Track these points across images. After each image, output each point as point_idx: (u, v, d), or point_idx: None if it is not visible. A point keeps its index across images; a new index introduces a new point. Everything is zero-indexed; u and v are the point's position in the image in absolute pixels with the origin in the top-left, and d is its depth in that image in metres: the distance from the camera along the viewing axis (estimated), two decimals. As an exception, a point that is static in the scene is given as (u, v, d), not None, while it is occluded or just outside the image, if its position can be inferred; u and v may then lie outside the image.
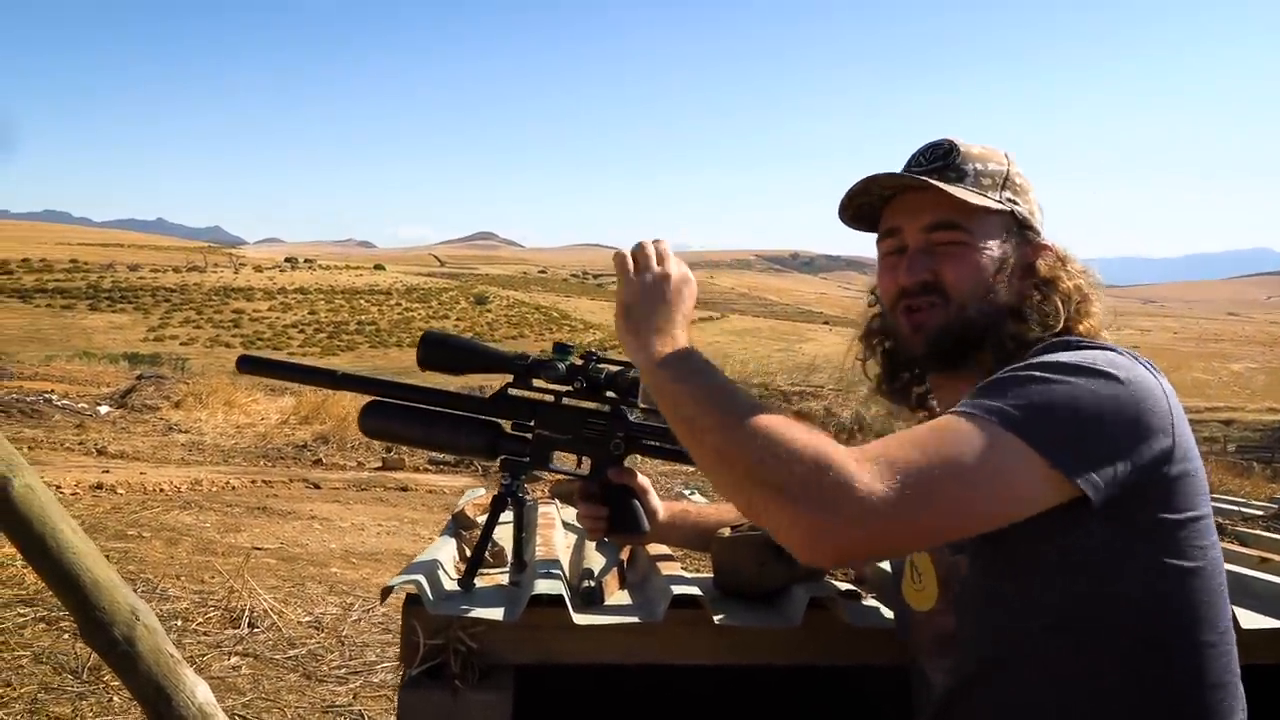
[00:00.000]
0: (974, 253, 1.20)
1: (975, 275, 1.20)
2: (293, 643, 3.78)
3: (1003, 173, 1.23)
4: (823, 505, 0.92)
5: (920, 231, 1.22)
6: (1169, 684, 1.07)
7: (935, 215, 1.21)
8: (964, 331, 1.20)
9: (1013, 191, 1.23)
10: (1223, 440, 26.50)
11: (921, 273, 1.21)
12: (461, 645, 1.23)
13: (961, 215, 1.20)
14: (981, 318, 1.20)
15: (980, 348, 1.21)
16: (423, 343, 1.41)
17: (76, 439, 10.09)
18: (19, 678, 3.12)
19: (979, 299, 1.20)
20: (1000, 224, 1.22)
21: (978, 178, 1.22)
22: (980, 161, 1.23)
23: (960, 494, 0.96)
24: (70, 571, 2.21)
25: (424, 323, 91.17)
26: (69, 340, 66.52)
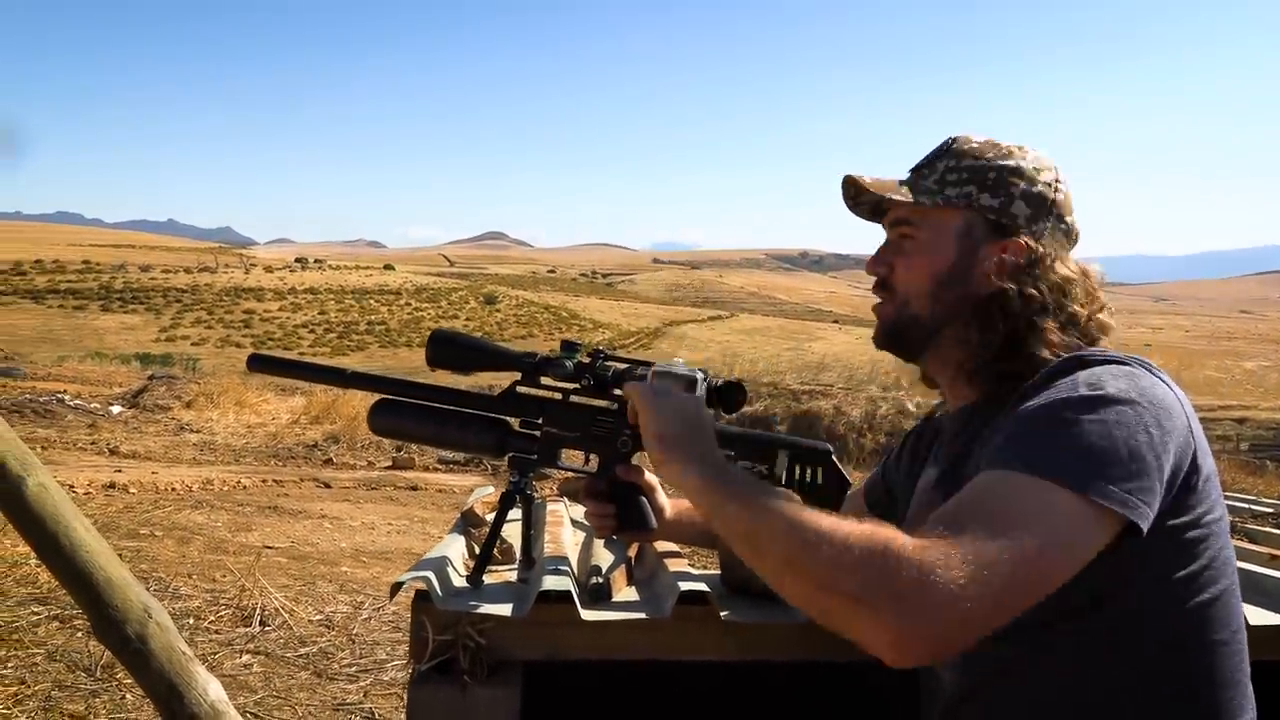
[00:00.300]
0: (919, 251, 1.24)
1: (917, 273, 1.23)
2: (304, 641, 3.80)
3: (978, 167, 1.23)
4: (902, 608, 0.90)
5: (889, 226, 1.29)
6: (1180, 683, 1.07)
7: (895, 213, 1.27)
8: (907, 327, 1.25)
9: (981, 186, 1.22)
10: (1235, 439, 26.34)
11: (878, 266, 1.28)
12: (470, 641, 1.24)
13: (912, 213, 1.24)
14: (928, 315, 1.23)
15: (930, 345, 1.25)
16: (431, 341, 1.42)
17: (89, 439, 10.15)
18: (33, 675, 3.14)
19: (922, 296, 1.23)
20: (954, 221, 1.22)
21: (944, 174, 1.23)
22: (960, 157, 1.24)
23: (1034, 568, 0.94)
24: (83, 570, 2.23)
25: (434, 322, 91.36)
26: (81, 341, 66.88)
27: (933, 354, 1.27)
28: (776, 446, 1.40)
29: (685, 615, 1.30)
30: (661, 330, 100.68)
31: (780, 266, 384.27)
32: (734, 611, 1.31)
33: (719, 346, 71.91)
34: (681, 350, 74.78)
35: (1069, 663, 1.09)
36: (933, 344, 1.25)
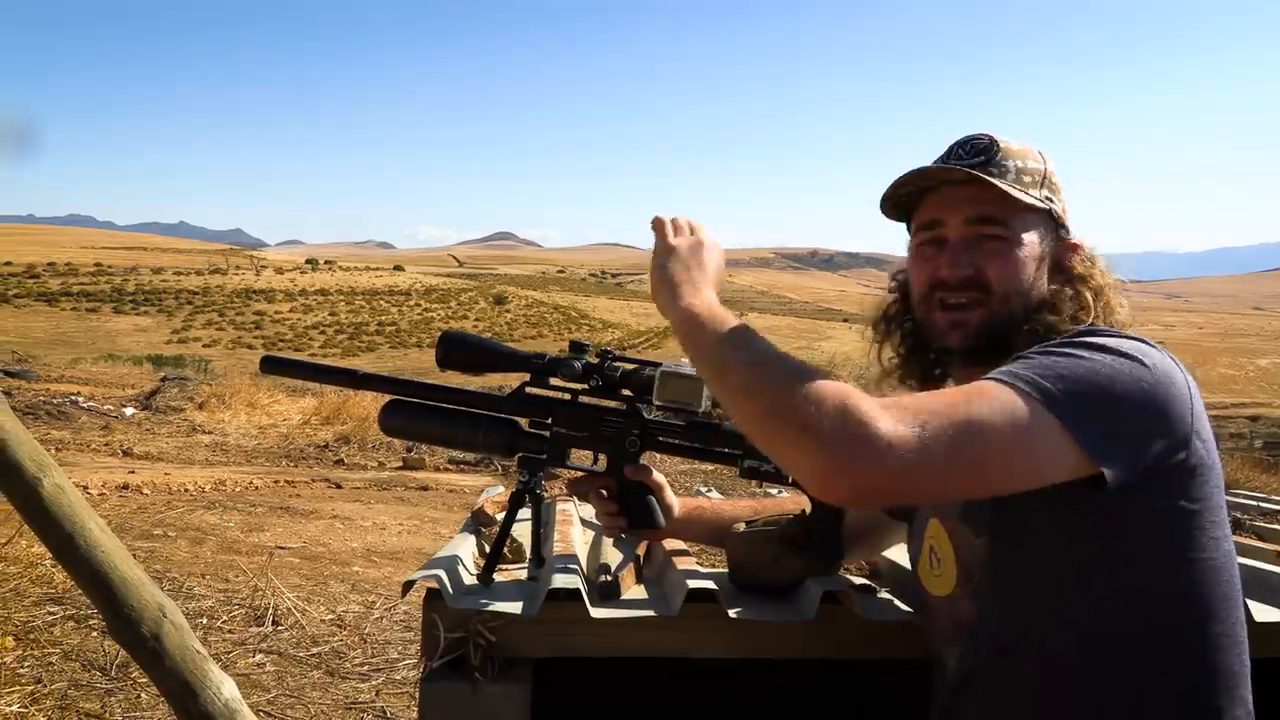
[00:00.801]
0: (1016, 249, 1.22)
1: (1017, 272, 1.21)
2: (316, 640, 3.82)
3: (1041, 170, 1.25)
4: (842, 443, 0.92)
5: (963, 224, 1.23)
6: (1179, 672, 1.08)
7: (979, 209, 1.22)
8: (1003, 327, 1.22)
9: (1050, 190, 1.25)
10: (1249, 436, 26.21)
11: (965, 267, 1.22)
12: (481, 639, 1.25)
13: (1005, 211, 1.21)
14: (1021, 313, 1.22)
15: (1013, 343, 1.21)
16: (442, 342, 1.44)
17: (102, 440, 10.21)
18: (49, 674, 3.17)
19: (1019, 295, 1.22)
20: (1039, 221, 1.24)
21: (1019, 174, 1.23)
22: (1020, 159, 1.24)
23: (981, 452, 0.96)
24: (99, 570, 2.26)
25: (443, 323, 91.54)
26: (94, 343, 67.26)
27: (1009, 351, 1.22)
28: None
29: (693, 613, 1.30)
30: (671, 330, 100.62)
31: (790, 265, 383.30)
32: (742, 609, 1.32)
33: (729, 346, 71.66)
34: (691, 350, 74.52)
35: (1070, 651, 1.10)
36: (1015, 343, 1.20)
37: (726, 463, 1.43)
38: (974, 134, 1.28)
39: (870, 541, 1.58)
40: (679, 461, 8.77)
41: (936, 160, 1.28)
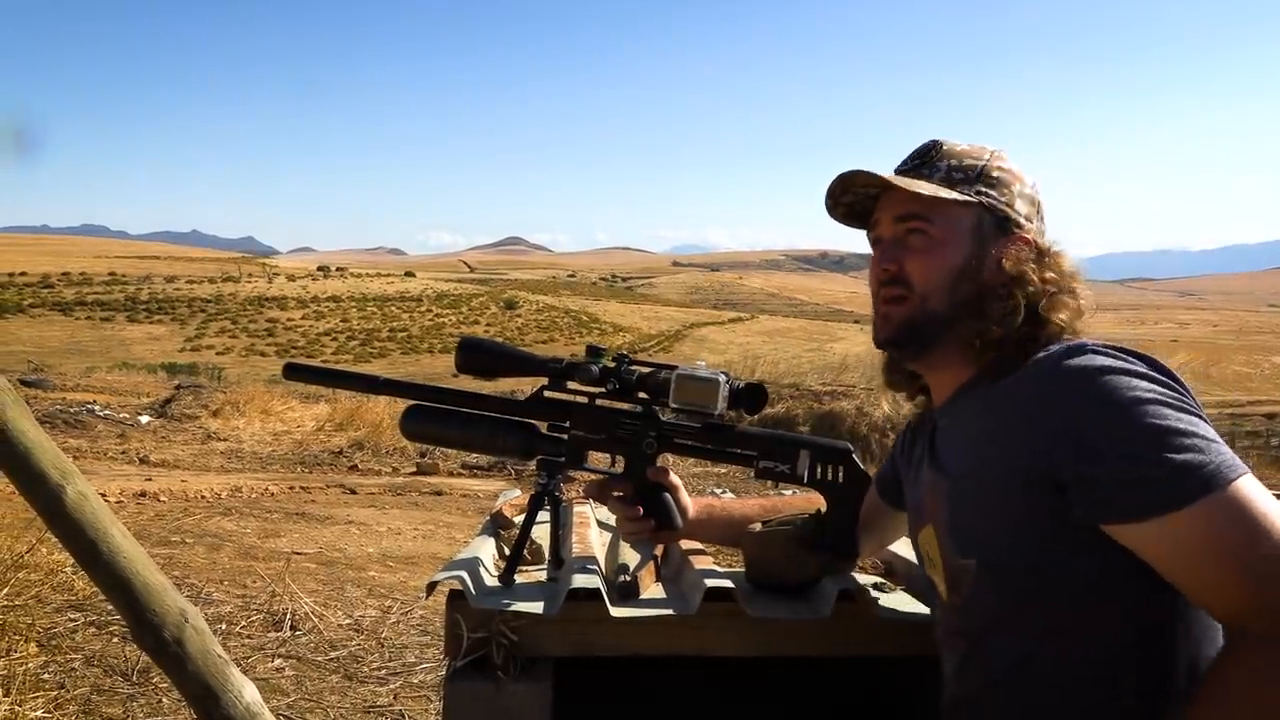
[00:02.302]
0: (937, 246, 1.23)
1: (937, 268, 1.22)
2: (334, 645, 3.85)
3: (978, 167, 1.25)
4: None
5: (894, 223, 1.26)
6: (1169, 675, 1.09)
7: (903, 208, 1.24)
8: (925, 323, 1.23)
9: (987, 184, 1.24)
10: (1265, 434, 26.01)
11: (889, 263, 1.25)
12: (504, 638, 1.27)
13: (925, 208, 1.23)
14: (945, 310, 1.22)
15: (941, 341, 1.24)
16: (461, 348, 1.46)
17: (119, 448, 10.28)
18: (72, 680, 3.21)
19: (941, 291, 1.22)
20: (968, 217, 1.23)
21: (949, 172, 1.24)
22: (957, 158, 1.26)
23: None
24: (122, 576, 2.28)
25: (455, 328, 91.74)
26: (108, 351, 67.68)
27: (941, 350, 1.25)
28: (798, 446, 1.43)
29: (711, 611, 1.32)
30: (681, 333, 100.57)
31: (800, 267, 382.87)
32: (759, 608, 1.34)
33: (739, 348, 71.83)
34: (702, 352, 74.70)
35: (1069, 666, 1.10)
36: (944, 340, 1.24)
37: (742, 464, 1.45)
38: (928, 140, 1.30)
39: (876, 535, 1.58)
40: (692, 463, 8.79)
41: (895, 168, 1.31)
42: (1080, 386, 1.07)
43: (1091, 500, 1.05)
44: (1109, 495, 1.03)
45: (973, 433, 1.20)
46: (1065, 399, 1.08)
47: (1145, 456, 1.01)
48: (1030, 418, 1.10)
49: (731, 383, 1.38)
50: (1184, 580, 1.02)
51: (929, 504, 1.28)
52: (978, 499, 1.16)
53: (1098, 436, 1.04)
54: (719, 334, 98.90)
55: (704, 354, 64.79)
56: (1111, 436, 1.03)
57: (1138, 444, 1.02)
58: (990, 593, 1.16)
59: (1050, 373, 1.11)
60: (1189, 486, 0.99)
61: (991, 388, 1.19)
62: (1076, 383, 1.08)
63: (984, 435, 1.17)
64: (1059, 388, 1.09)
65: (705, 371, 1.37)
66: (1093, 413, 1.05)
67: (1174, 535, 1.00)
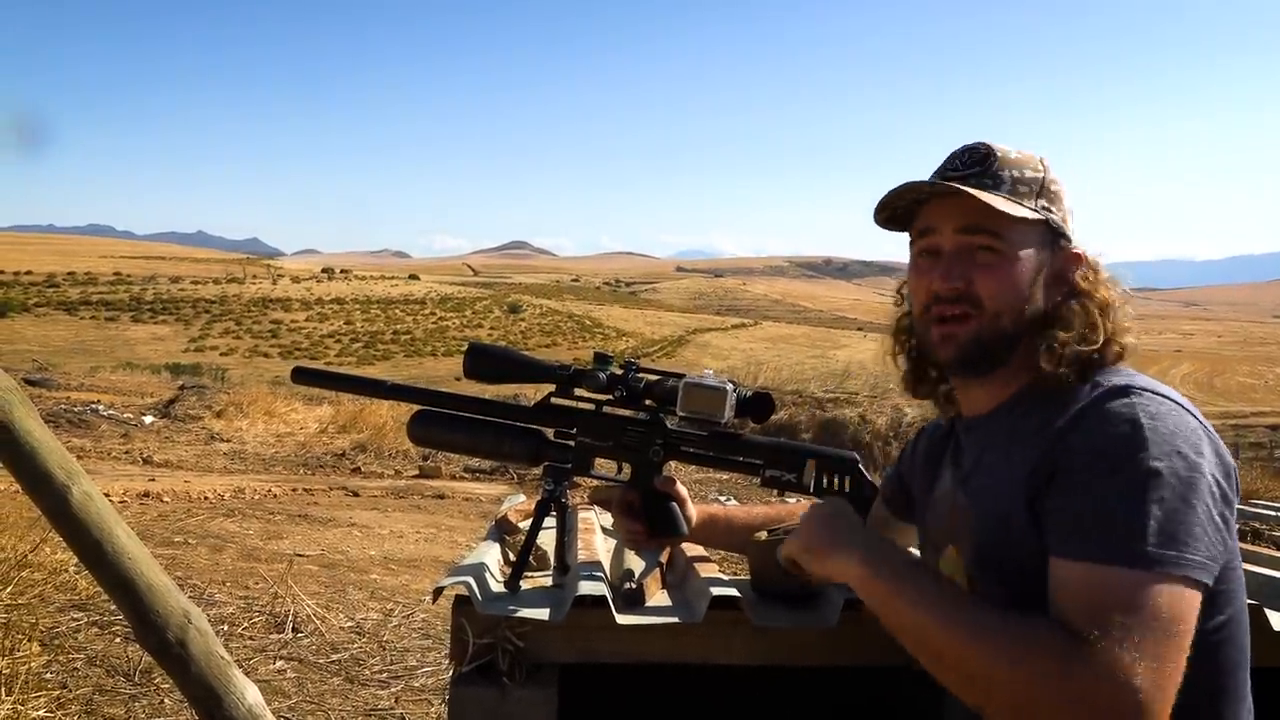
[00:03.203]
0: (1009, 263, 1.18)
1: (1010, 287, 1.18)
2: (335, 647, 3.85)
3: (1039, 179, 1.22)
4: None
5: (956, 235, 1.20)
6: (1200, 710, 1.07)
7: (971, 220, 1.19)
8: (995, 342, 1.19)
9: (1048, 199, 1.21)
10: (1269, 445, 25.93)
11: (956, 280, 1.19)
12: (509, 644, 1.27)
13: (997, 223, 1.18)
14: (1014, 329, 1.19)
15: (1007, 359, 1.21)
16: (469, 353, 1.47)
17: (123, 448, 10.31)
18: (74, 680, 3.21)
19: (1013, 310, 1.18)
20: (1035, 233, 1.20)
21: (1014, 184, 1.20)
22: (1017, 168, 1.21)
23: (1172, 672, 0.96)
24: (126, 576, 2.29)
25: (458, 332, 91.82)
26: (113, 351, 67.81)
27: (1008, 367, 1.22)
28: (805, 455, 1.43)
29: (717, 619, 1.32)
30: (685, 338, 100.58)
31: (804, 273, 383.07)
32: (764, 616, 1.34)
33: (743, 355, 71.78)
34: (705, 358, 74.71)
35: None
36: (1011, 359, 1.21)
37: (748, 472, 1.45)
38: (972, 143, 1.25)
39: None
40: (694, 470, 8.78)
41: (935, 170, 1.26)
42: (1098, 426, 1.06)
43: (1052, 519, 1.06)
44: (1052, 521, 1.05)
45: (1007, 459, 1.17)
46: (1079, 433, 1.07)
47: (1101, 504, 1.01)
48: (1047, 445, 1.09)
49: (739, 391, 1.38)
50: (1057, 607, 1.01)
51: (952, 525, 1.26)
52: (1003, 529, 1.14)
53: (1079, 470, 1.04)
54: (722, 340, 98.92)
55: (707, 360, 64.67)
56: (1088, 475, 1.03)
57: (1105, 493, 1.01)
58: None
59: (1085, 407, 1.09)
60: (1115, 550, 0.98)
61: (1029, 413, 1.17)
62: (1097, 422, 1.06)
63: (1012, 459, 1.16)
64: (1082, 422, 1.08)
65: (713, 380, 1.37)
66: (1089, 451, 1.04)
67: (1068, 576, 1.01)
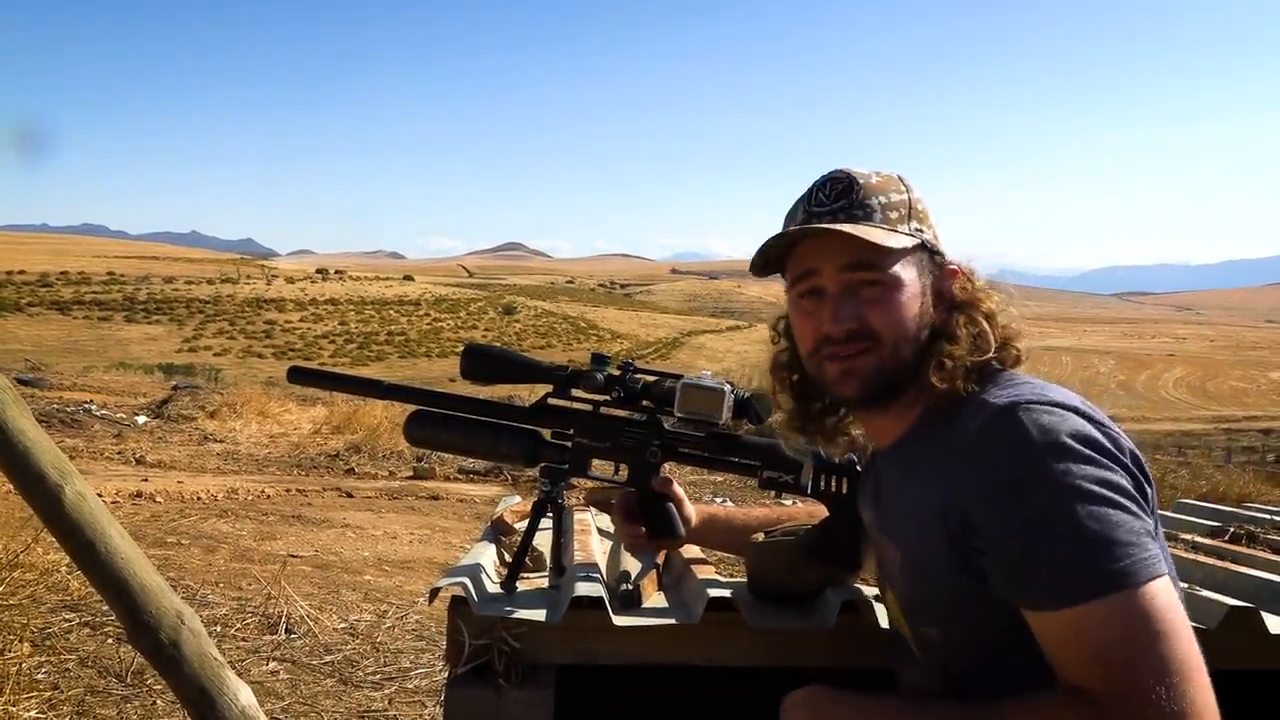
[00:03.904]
0: (896, 292, 1.17)
1: (901, 316, 1.17)
2: (329, 649, 3.84)
3: (905, 202, 1.21)
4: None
5: (838, 273, 1.18)
6: None
7: (852, 256, 1.17)
8: (898, 373, 1.19)
9: (918, 220, 1.21)
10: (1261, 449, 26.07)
11: (848, 321, 1.17)
12: (506, 645, 1.27)
13: (878, 255, 1.16)
14: (912, 356, 1.18)
15: (911, 383, 1.20)
16: (466, 354, 1.46)
17: (115, 448, 10.27)
18: (66, 681, 3.20)
19: (908, 339, 1.18)
20: (914, 258, 1.19)
21: (884, 211, 1.19)
22: (882, 193, 1.20)
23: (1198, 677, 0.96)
24: (119, 576, 2.28)
25: (453, 333, 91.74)
26: (106, 351, 67.62)
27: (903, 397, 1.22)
28: (802, 457, 1.43)
29: (714, 621, 1.32)
30: (679, 340, 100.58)
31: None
32: (761, 617, 1.34)
33: (737, 357, 71.77)
34: (700, 360, 74.70)
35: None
36: (908, 386, 1.20)
37: (745, 473, 1.45)
38: (833, 172, 1.23)
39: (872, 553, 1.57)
40: (689, 471, 8.78)
41: (800, 198, 1.24)
42: (998, 450, 1.05)
43: (998, 575, 1.05)
44: (1012, 577, 1.03)
45: (915, 498, 1.17)
46: (981, 461, 1.06)
47: (1039, 543, 1.00)
48: (950, 473, 1.09)
49: (736, 392, 1.38)
50: (1056, 668, 1.00)
51: (885, 568, 1.27)
52: (926, 572, 1.14)
53: (998, 507, 1.03)
54: (717, 342, 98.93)
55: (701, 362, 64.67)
56: (1011, 513, 1.02)
57: (1036, 527, 0.99)
58: (959, 657, 1.15)
59: (978, 429, 1.08)
60: (1078, 586, 0.97)
61: (933, 436, 1.17)
62: (996, 444, 1.05)
63: (920, 494, 1.15)
64: (980, 446, 1.07)
65: (710, 381, 1.37)
66: (998, 482, 1.04)
67: (1054, 628, 1.00)
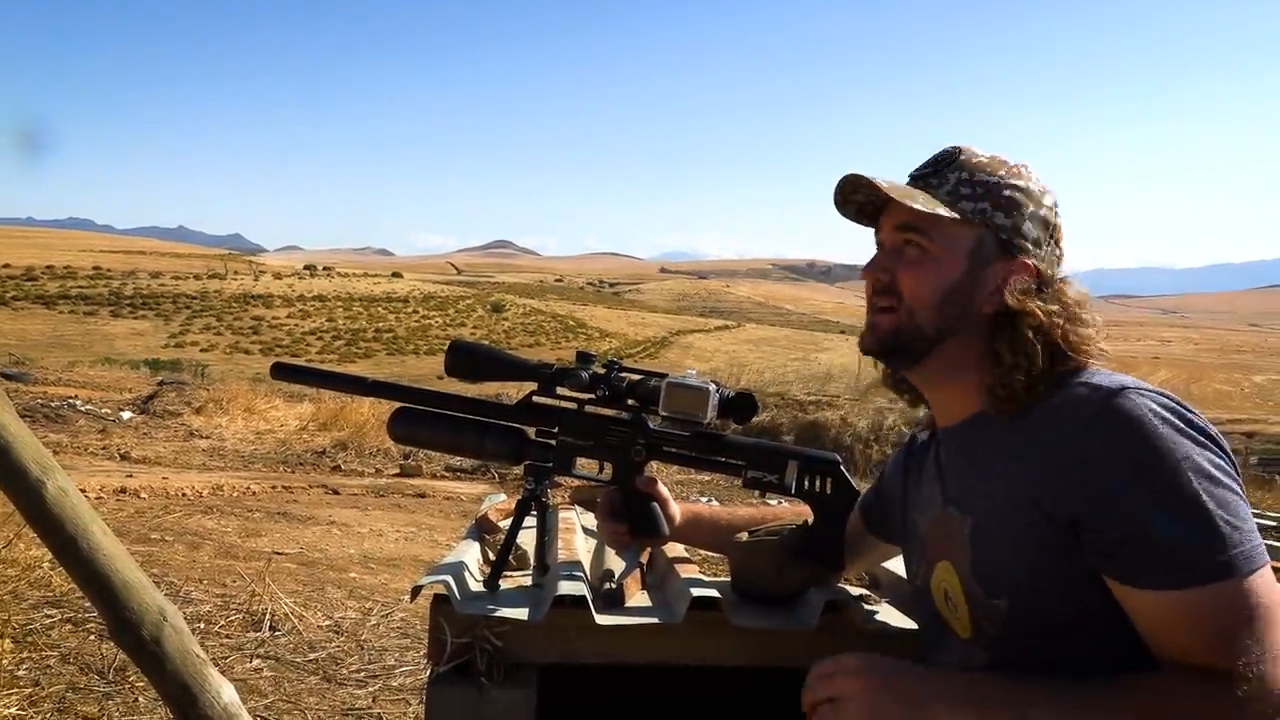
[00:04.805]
0: (932, 261, 1.19)
1: (928, 285, 1.19)
2: (313, 646, 3.82)
3: (989, 184, 1.19)
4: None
5: (892, 231, 1.23)
6: None
7: (903, 217, 1.21)
8: (910, 339, 1.20)
9: (996, 204, 1.19)
10: (1245, 452, 26.27)
11: (880, 272, 1.23)
12: (488, 644, 1.27)
13: (924, 222, 1.19)
14: (931, 328, 1.19)
15: (928, 359, 1.21)
16: (451, 351, 1.46)
17: (100, 444, 10.21)
18: (47, 678, 3.17)
19: (930, 308, 1.18)
20: (967, 237, 1.19)
21: (956, 187, 1.19)
22: (970, 170, 1.20)
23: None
24: (101, 572, 2.26)
25: (441, 330, 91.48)
26: (91, 346, 67.14)
27: (930, 366, 1.23)
28: (786, 457, 1.43)
29: (697, 620, 1.32)
30: (668, 340, 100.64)
31: (788, 276, 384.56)
32: (744, 617, 1.34)
33: (726, 356, 71.89)
34: (688, 360, 74.80)
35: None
36: (931, 357, 1.21)
37: (729, 473, 1.45)
38: (949, 146, 1.25)
39: (858, 559, 1.56)
40: (675, 470, 8.78)
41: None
42: (1118, 433, 1.04)
43: (1098, 549, 1.04)
44: (1116, 551, 1.03)
45: (994, 468, 1.16)
46: (1100, 444, 1.05)
47: (1165, 525, 1.00)
48: (1062, 459, 1.08)
49: (721, 392, 1.38)
50: (1160, 646, 1.01)
51: (942, 540, 1.25)
52: (1004, 540, 1.13)
53: (1124, 489, 1.02)
54: (706, 341, 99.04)
55: (690, 361, 64.79)
56: (1137, 495, 1.01)
57: (1163, 510, 1.01)
58: (1022, 632, 1.13)
59: (1090, 414, 1.07)
60: (1201, 569, 0.99)
61: (1012, 421, 1.16)
62: (1115, 428, 1.05)
63: (1009, 473, 1.14)
64: (1096, 431, 1.06)
65: (696, 380, 1.37)
66: (1124, 464, 1.03)
67: (1167, 609, 1.00)
